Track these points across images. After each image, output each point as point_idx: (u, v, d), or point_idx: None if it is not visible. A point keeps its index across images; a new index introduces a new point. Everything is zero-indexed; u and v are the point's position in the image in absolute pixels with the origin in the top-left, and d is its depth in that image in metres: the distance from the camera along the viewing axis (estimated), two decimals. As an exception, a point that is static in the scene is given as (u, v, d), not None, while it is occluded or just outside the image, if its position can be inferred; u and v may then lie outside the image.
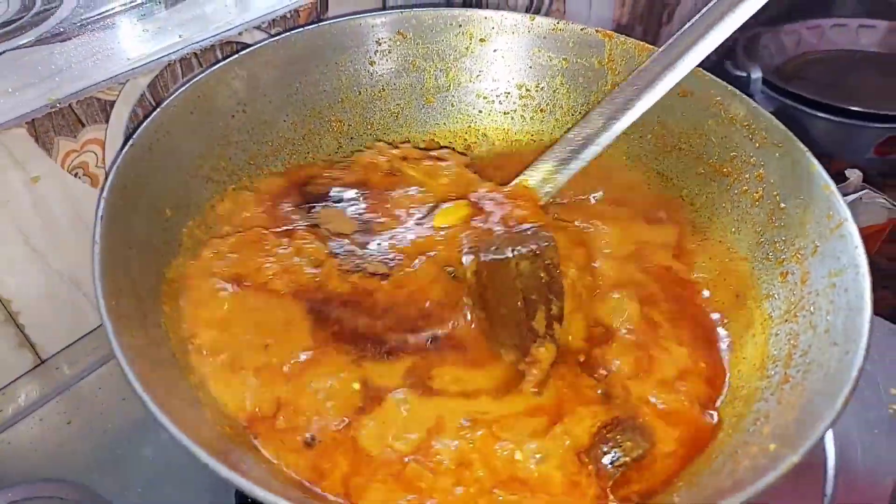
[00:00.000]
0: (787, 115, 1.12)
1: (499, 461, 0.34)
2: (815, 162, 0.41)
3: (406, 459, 0.34)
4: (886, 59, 1.26)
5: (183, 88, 0.42)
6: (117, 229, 0.34)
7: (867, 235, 0.73)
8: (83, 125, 0.48)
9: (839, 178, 0.73)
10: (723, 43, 0.44)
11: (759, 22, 1.33)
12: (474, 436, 0.35)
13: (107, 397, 0.49)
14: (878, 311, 0.51)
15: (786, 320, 0.39)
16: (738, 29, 0.43)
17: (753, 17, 0.45)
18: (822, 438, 0.28)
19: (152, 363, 0.31)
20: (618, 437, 0.35)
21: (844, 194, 0.67)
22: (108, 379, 0.50)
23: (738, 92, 0.46)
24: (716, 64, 1.24)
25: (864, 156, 1.12)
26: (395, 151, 0.50)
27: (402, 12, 0.52)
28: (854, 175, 0.67)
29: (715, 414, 0.37)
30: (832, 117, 1.10)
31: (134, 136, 0.39)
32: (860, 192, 0.65)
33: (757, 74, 1.13)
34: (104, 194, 0.35)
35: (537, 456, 0.34)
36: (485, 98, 0.55)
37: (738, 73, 1.14)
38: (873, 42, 1.29)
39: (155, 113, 0.40)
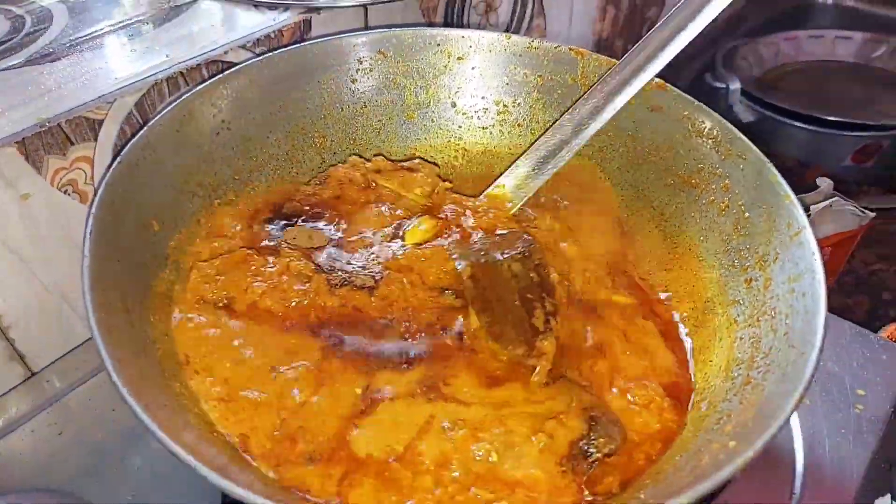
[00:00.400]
0: (765, 126, 1.16)
1: (477, 461, 0.35)
2: (776, 172, 0.43)
3: (391, 461, 0.35)
4: (862, 69, 1.29)
5: (169, 107, 0.44)
6: (106, 244, 0.36)
7: (839, 242, 0.75)
8: (72, 143, 0.49)
9: (813, 186, 0.76)
10: (701, 55, 0.46)
11: (737, 34, 1.36)
12: (455, 435, 0.36)
13: (97, 408, 0.50)
14: (856, 314, 0.53)
15: (749, 325, 0.40)
16: (716, 40, 0.45)
17: (732, 30, 0.47)
18: (777, 434, 0.30)
19: (141, 373, 0.32)
20: (591, 434, 0.36)
21: (815, 202, 0.70)
22: (99, 390, 0.51)
23: (704, 107, 0.48)
24: (695, 75, 1.26)
25: (842, 164, 1.14)
26: (368, 165, 0.52)
27: (382, 32, 0.54)
28: (825, 183, 0.69)
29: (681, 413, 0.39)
30: (810, 127, 1.13)
31: (121, 154, 0.40)
32: (830, 200, 0.68)
33: (736, 86, 1.15)
34: (93, 210, 0.36)
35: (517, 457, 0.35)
36: (464, 114, 0.57)
37: (718, 84, 1.16)
38: (850, 53, 1.32)
39: (142, 131, 0.42)
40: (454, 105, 0.56)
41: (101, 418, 0.49)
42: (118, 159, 0.40)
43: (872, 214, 0.70)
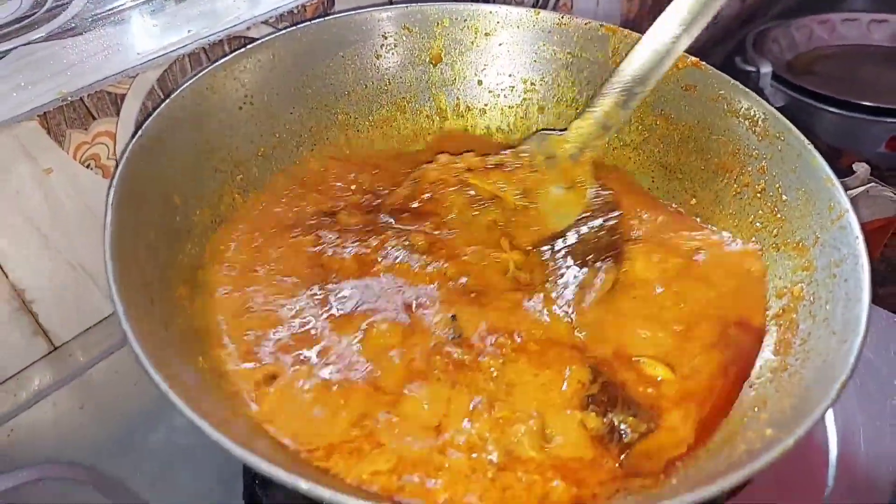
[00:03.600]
0: (797, 110, 1.13)
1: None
2: (817, 154, 0.41)
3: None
4: (898, 54, 1.25)
5: (192, 80, 0.43)
6: (127, 216, 0.35)
7: (875, 229, 0.73)
8: (94, 118, 0.49)
9: (847, 171, 0.73)
10: (732, 38, 0.44)
11: (769, 16, 1.32)
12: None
13: (119, 383, 0.50)
14: (888, 304, 0.52)
15: (787, 311, 0.39)
16: (747, 23, 0.43)
17: (763, 12, 0.45)
18: (816, 424, 0.28)
19: (162, 345, 0.32)
20: (622, 415, 0.36)
21: (851, 187, 0.67)
22: (120, 365, 0.51)
23: (740, 85, 0.46)
24: (725, 59, 1.23)
25: (875, 150, 1.11)
26: (458, 164, 0.50)
27: (407, 7, 0.53)
28: (861, 168, 0.67)
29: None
30: (843, 112, 1.10)
31: (143, 127, 0.39)
32: (867, 186, 0.65)
33: (766, 69, 1.12)
34: (114, 182, 0.36)
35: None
36: (490, 91, 0.55)
37: (748, 67, 1.13)
38: (885, 37, 1.28)
39: (164, 104, 0.41)
40: (480, 83, 0.55)
41: (123, 393, 0.49)
42: (140, 132, 0.39)
43: (911, 201, 0.68)
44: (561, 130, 0.50)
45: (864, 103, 1.08)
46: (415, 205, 0.47)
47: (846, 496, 0.43)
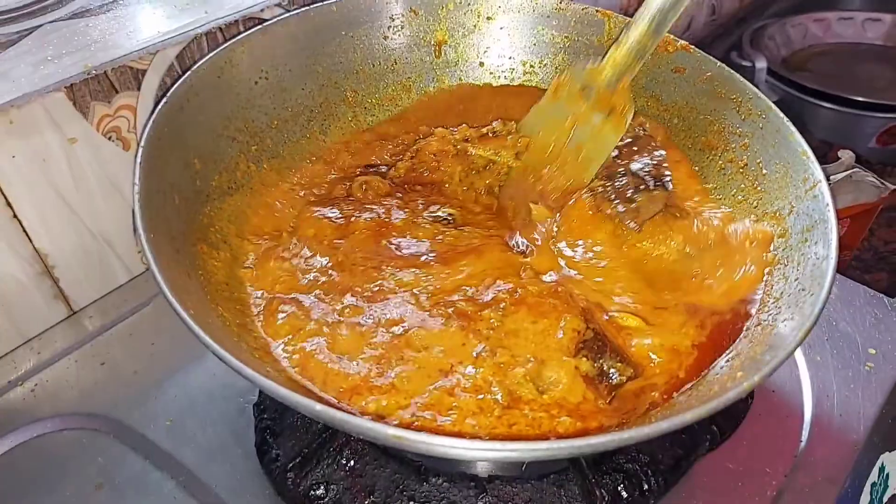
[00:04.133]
0: (791, 105, 1.15)
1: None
2: (794, 130, 0.44)
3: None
4: (892, 51, 1.28)
5: (212, 54, 0.46)
6: (153, 174, 0.38)
7: (858, 213, 0.76)
8: (117, 91, 0.52)
9: (835, 160, 0.76)
10: (729, 34, 0.45)
11: (766, 14, 1.35)
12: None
13: (136, 343, 0.53)
14: (875, 290, 0.54)
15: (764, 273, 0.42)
16: (745, 20, 0.44)
17: (761, 9, 0.47)
18: (780, 364, 0.31)
19: (187, 290, 0.35)
20: (611, 361, 0.38)
21: (836, 173, 0.70)
22: (138, 328, 0.54)
23: (726, 68, 0.49)
24: (722, 55, 1.26)
25: (867, 145, 1.14)
26: (456, 135, 0.53)
27: (414, -10, 0.56)
28: (846, 155, 0.70)
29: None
30: (835, 107, 1.12)
31: (168, 94, 0.42)
32: (850, 171, 0.68)
33: (762, 64, 1.15)
34: (141, 142, 0.38)
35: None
36: (491, 73, 0.58)
37: (744, 63, 1.16)
38: (879, 35, 1.30)
39: (187, 74, 0.44)
40: (482, 64, 0.58)
41: (140, 352, 0.52)
42: (164, 99, 0.42)
43: (892, 187, 0.71)
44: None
45: (857, 99, 1.11)
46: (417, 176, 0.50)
47: (818, 452, 0.45)
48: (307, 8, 0.52)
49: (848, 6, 1.40)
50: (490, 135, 0.52)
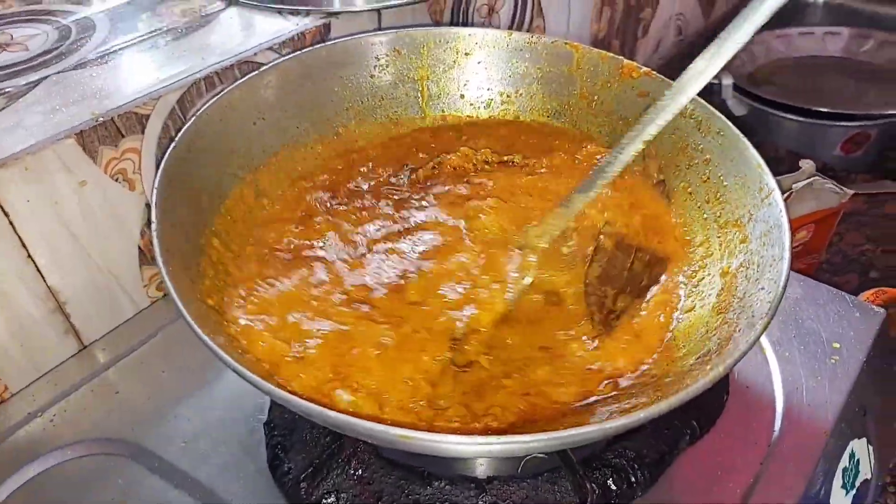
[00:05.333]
0: (758, 118, 1.21)
1: None
2: (749, 145, 0.48)
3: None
4: (850, 63, 1.35)
5: (214, 99, 0.50)
6: (166, 214, 0.42)
7: (821, 219, 0.80)
8: (123, 135, 0.55)
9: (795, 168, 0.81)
10: (697, 52, 0.46)
11: (730, 33, 1.41)
12: None
13: (147, 372, 0.55)
14: (844, 291, 0.59)
15: (731, 276, 0.46)
16: (711, 38, 0.44)
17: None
18: (741, 357, 0.35)
19: (199, 314, 0.38)
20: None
21: (798, 181, 0.75)
22: (148, 357, 0.57)
23: (686, 89, 0.54)
24: (691, 73, 1.32)
25: (832, 153, 1.19)
26: (478, 156, 0.57)
27: (397, 32, 0.60)
28: (807, 164, 0.74)
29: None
30: (801, 119, 1.18)
31: (176, 139, 0.46)
32: (811, 179, 0.73)
33: (728, 81, 1.21)
34: (155, 185, 0.42)
35: None
36: (472, 104, 0.63)
37: (712, 80, 1.22)
38: (838, 48, 1.37)
39: (191, 120, 0.48)
40: (463, 96, 0.62)
41: (152, 379, 0.55)
42: (173, 144, 0.46)
43: (851, 192, 0.76)
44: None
45: (820, 109, 1.17)
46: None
47: (790, 441, 0.49)
48: (298, 52, 0.56)
49: (808, 21, 1.47)
50: (510, 164, 0.56)
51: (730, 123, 0.50)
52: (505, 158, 0.58)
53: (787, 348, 0.55)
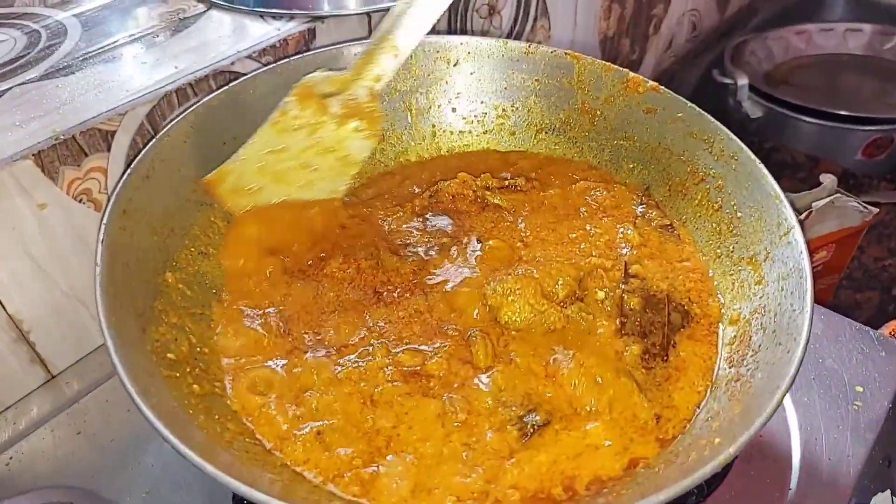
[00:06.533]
0: (775, 121, 1.15)
1: None
2: (766, 172, 0.43)
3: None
4: (873, 61, 1.28)
5: (177, 119, 0.45)
6: (117, 251, 0.38)
7: (842, 238, 0.75)
8: (86, 154, 0.51)
9: (816, 182, 0.76)
10: (711, 50, 0.45)
11: (747, 29, 1.35)
12: None
13: (113, 409, 0.52)
14: (865, 310, 0.54)
15: (741, 322, 0.41)
16: (726, 35, 0.43)
17: (742, 24, 0.46)
18: (757, 433, 0.30)
19: (150, 375, 0.34)
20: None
21: (818, 198, 0.70)
22: (114, 392, 0.53)
23: (696, 108, 0.49)
24: (704, 72, 1.26)
25: (853, 158, 1.13)
26: (477, 181, 0.54)
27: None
28: (828, 179, 0.69)
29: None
30: (820, 121, 1.12)
31: (132, 165, 0.42)
32: (832, 196, 0.68)
33: (743, 81, 1.15)
34: (104, 220, 0.38)
35: None
36: (464, 118, 0.58)
37: (726, 80, 1.16)
38: (860, 45, 1.31)
39: (151, 143, 0.44)
40: (454, 110, 0.57)
41: (117, 419, 0.51)
42: (128, 170, 0.42)
43: (876, 210, 0.70)
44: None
45: (841, 112, 1.11)
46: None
47: (808, 499, 0.45)
48: (275, 65, 0.52)
49: (828, 17, 1.40)
50: (511, 188, 0.53)
51: (745, 147, 0.45)
52: (506, 183, 0.54)
53: (806, 392, 0.50)
